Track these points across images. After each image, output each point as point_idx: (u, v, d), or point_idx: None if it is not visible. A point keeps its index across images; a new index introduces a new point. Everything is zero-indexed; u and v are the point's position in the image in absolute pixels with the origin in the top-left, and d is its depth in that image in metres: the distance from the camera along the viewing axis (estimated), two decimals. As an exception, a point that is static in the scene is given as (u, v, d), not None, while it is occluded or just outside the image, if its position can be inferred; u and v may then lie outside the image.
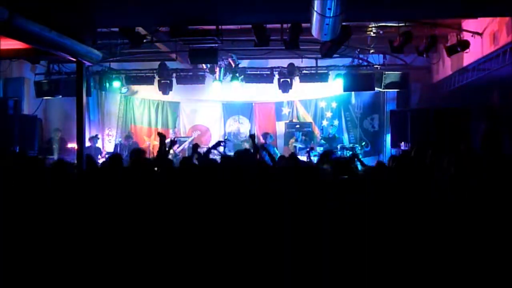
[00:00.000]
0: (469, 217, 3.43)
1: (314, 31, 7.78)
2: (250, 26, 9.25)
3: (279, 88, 13.45)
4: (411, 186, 3.96)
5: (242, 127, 15.20)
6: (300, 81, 13.34)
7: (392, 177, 4.42)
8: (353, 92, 13.86)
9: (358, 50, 12.27)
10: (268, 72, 13.51)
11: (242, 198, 3.67)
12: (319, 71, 13.17)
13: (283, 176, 4.20)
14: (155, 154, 8.54)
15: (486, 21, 9.38)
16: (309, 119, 14.71)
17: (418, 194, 3.65)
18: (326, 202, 3.38)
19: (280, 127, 14.78)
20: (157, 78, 13.57)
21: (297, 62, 13.01)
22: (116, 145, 13.93)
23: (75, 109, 8.98)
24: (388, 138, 12.87)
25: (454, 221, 3.38)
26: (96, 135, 13.68)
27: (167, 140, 9.67)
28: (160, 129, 14.58)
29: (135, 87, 14.73)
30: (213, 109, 15.32)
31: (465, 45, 9.81)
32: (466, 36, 10.02)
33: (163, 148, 6.27)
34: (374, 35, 10.83)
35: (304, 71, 13.20)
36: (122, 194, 4.05)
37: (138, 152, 5.78)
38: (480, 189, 3.85)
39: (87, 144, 11.92)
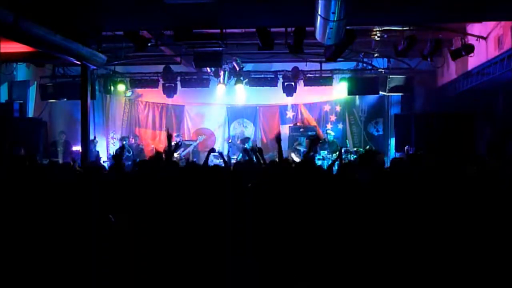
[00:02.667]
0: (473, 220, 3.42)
1: (318, 35, 7.79)
2: (254, 29, 9.27)
3: (283, 92, 13.46)
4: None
5: (246, 130, 15.20)
6: (304, 85, 13.34)
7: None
8: (357, 96, 13.86)
9: (363, 53, 12.25)
10: (272, 76, 13.52)
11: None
12: (323, 75, 13.17)
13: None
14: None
15: (491, 25, 9.35)
16: (313, 122, 14.72)
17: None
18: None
19: (284, 131, 14.76)
20: (161, 82, 13.60)
21: (301, 65, 13.02)
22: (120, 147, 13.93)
23: (80, 112, 9.03)
24: (392, 142, 12.84)
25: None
26: (94, 138, 13.58)
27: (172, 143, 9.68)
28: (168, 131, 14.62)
29: (139, 90, 14.77)
30: (218, 113, 15.34)
31: (469, 49, 9.78)
32: (470, 40, 9.99)
33: (170, 149, 6.30)
34: (379, 39, 10.81)
35: (308, 75, 13.21)
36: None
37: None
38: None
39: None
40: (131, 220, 3.75)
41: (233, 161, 11.91)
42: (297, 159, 12.45)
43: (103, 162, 12.68)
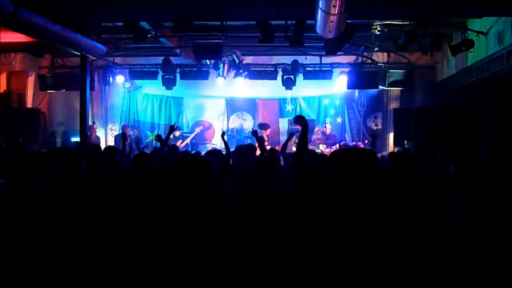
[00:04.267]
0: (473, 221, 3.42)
1: (319, 28, 7.78)
2: (254, 22, 9.25)
3: (283, 85, 13.44)
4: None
5: (245, 123, 15.21)
6: (304, 78, 13.31)
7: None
8: (356, 90, 13.85)
9: (363, 48, 12.24)
10: (272, 69, 13.50)
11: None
12: (323, 68, 13.15)
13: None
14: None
15: (491, 21, 9.34)
16: (312, 116, 14.71)
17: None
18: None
19: (283, 124, 14.79)
20: (161, 73, 13.57)
21: (301, 59, 12.99)
22: (116, 136, 13.91)
23: (79, 103, 9.02)
24: (391, 136, 12.85)
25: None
26: (93, 123, 13.55)
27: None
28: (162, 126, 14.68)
29: (138, 82, 14.73)
30: (217, 105, 15.33)
31: (469, 44, 9.77)
32: (470, 35, 9.99)
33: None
34: (379, 33, 10.79)
35: (308, 68, 13.19)
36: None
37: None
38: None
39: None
40: (127, 212, 3.74)
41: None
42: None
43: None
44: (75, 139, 12.27)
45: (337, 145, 12.47)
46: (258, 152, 7.23)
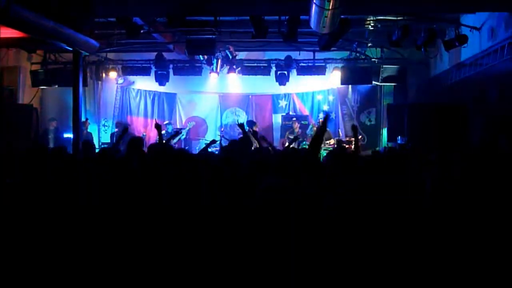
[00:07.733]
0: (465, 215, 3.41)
1: (313, 24, 7.76)
2: (248, 17, 9.22)
3: (276, 81, 13.43)
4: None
5: (239, 119, 15.15)
6: (297, 74, 13.31)
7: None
8: (350, 86, 13.84)
9: (356, 43, 12.24)
10: (265, 65, 13.48)
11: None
12: (316, 64, 13.14)
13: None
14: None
15: (485, 16, 9.37)
16: (305, 112, 14.70)
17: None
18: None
19: (277, 120, 14.77)
20: (154, 69, 13.52)
21: (295, 54, 12.98)
22: (112, 134, 13.90)
23: (72, 99, 8.96)
24: (384, 132, 12.86)
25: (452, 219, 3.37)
26: (86, 120, 13.45)
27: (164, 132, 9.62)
28: (156, 120, 14.58)
29: (131, 78, 14.66)
30: (210, 101, 15.28)
31: (463, 39, 9.79)
32: (464, 30, 10.01)
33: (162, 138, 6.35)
34: (372, 28, 10.80)
35: (302, 64, 13.18)
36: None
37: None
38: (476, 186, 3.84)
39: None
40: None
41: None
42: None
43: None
44: (68, 135, 12.20)
45: (331, 141, 12.46)
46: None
